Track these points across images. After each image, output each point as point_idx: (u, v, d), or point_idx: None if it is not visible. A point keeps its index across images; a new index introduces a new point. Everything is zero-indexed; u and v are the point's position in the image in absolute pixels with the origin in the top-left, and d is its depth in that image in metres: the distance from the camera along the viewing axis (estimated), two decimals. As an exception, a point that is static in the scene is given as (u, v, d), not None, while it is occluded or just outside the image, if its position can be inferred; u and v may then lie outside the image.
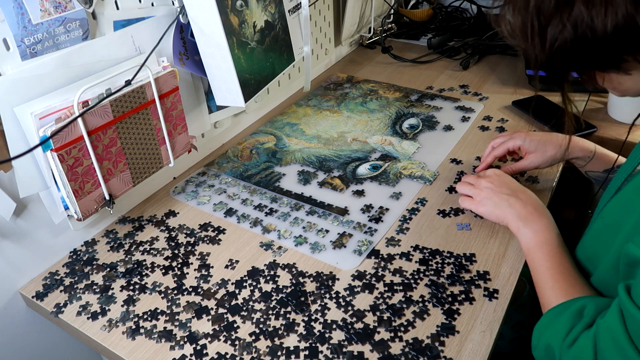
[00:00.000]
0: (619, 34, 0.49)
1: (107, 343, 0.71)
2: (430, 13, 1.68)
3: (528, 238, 0.75)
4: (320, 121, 1.20)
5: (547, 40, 0.53)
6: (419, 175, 0.99)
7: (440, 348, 0.67)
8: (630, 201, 0.62)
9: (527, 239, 0.75)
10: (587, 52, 0.52)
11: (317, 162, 1.05)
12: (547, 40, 0.52)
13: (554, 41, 0.52)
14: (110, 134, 0.78)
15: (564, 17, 0.51)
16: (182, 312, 0.75)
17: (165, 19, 0.86)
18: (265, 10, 0.94)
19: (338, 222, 0.89)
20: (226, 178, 1.02)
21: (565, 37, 0.51)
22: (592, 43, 0.50)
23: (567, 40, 0.51)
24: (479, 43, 1.48)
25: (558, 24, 0.51)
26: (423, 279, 0.77)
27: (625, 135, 1.05)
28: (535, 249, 0.73)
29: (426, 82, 1.35)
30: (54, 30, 0.72)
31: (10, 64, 0.68)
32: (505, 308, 0.72)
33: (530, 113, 1.15)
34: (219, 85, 0.90)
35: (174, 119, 0.90)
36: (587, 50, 0.52)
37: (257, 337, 0.70)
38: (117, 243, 0.88)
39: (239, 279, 0.79)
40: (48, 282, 0.82)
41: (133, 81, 0.79)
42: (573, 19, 0.50)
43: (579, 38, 0.51)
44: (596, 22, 0.49)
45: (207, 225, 0.91)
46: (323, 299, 0.75)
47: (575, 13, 0.50)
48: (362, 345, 0.68)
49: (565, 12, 0.50)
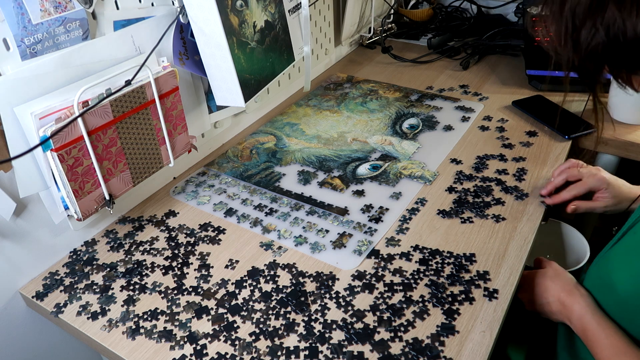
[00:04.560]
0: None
1: (107, 343, 0.71)
2: (430, 13, 1.68)
3: (574, 328, 0.73)
4: (320, 121, 1.20)
5: (580, 43, 0.53)
6: (419, 175, 0.99)
7: (440, 348, 0.67)
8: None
9: (574, 328, 0.73)
10: (619, 54, 0.52)
11: (317, 162, 1.05)
12: (581, 43, 0.53)
13: (587, 44, 0.52)
14: (110, 134, 0.78)
15: (597, 21, 0.51)
16: (182, 312, 0.75)
17: (165, 19, 0.86)
18: (265, 10, 0.94)
19: (338, 222, 0.89)
20: (226, 178, 1.02)
21: (598, 40, 0.52)
22: (623, 45, 0.51)
23: (599, 43, 0.52)
24: (479, 43, 1.48)
25: (591, 27, 0.52)
26: (423, 279, 0.77)
27: (625, 136, 1.06)
28: (583, 336, 0.71)
29: (426, 82, 1.35)
30: (54, 30, 0.72)
31: (10, 64, 0.68)
32: (505, 308, 0.72)
33: (531, 112, 1.15)
34: (219, 85, 0.90)
35: (174, 119, 0.90)
36: (618, 53, 0.52)
37: (257, 337, 0.70)
38: (117, 243, 0.88)
39: (239, 279, 0.79)
40: (48, 282, 0.82)
41: (133, 81, 0.79)
42: (605, 22, 0.51)
43: (611, 41, 0.51)
44: (628, 24, 0.49)
45: (207, 225, 0.91)
46: (323, 299, 0.75)
47: (608, 16, 0.50)
48: (362, 345, 0.68)
49: (598, 15, 0.51)
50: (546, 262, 0.83)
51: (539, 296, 0.79)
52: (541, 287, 0.79)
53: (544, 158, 1.02)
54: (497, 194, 0.93)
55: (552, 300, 0.76)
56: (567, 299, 0.74)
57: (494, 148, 1.06)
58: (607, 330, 0.67)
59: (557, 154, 1.02)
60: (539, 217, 0.87)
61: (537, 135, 1.09)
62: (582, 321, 0.70)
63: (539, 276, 0.80)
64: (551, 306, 0.77)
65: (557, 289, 0.76)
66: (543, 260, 0.84)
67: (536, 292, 0.79)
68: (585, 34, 0.52)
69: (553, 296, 0.76)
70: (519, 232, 0.84)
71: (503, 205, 0.90)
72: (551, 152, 1.03)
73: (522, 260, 0.79)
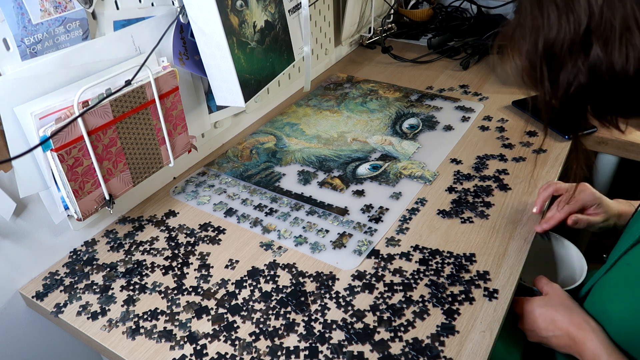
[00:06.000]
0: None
1: (107, 343, 0.71)
2: (430, 13, 1.68)
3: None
4: (320, 121, 1.20)
5: (560, 86, 0.49)
6: (419, 175, 0.99)
7: (440, 348, 0.67)
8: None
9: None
10: (607, 97, 0.49)
11: (317, 162, 1.05)
12: (560, 85, 0.49)
13: (569, 86, 0.49)
14: (110, 134, 0.78)
15: (578, 61, 0.47)
16: (182, 312, 0.75)
17: (165, 19, 0.86)
18: (265, 10, 0.94)
19: (338, 222, 0.89)
20: (226, 178, 1.02)
21: (581, 82, 0.48)
22: (612, 87, 0.48)
23: (583, 84, 0.48)
24: (479, 43, 1.48)
25: (572, 68, 0.48)
26: (423, 279, 0.77)
27: (625, 136, 1.06)
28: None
29: (426, 82, 1.35)
30: (54, 30, 0.72)
31: (10, 64, 0.68)
32: (505, 308, 0.72)
33: (530, 112, 1.15)
34: (219, 85, 0.90)
35: (174, 119, 0.90)
36: (606, 95, 0.49)
37: (257, 337, 0.70)
38: (117, 243, 0.88)
39: (239, 279, 0.79)
40: (48, 282, 0.82)
41: (133, 81, 0.79)
42: (590, 63, 0.47)
43: (597, 82, 0.48)
44: (616, 65, 0.46)
45: (207, 225, 0.91)
46: (323, 299, 0.75)
47: (593, 56, 0.47)
48: (362, 345, 0.68)
49: (580, 56, 0.47)
50: (547, 286, 0.77)
51: (544, 329, 0.72)
52: (546, 319, 0.72)
53: (544, 158, 1.02)
54: (497, 193, 0.93)
55: (560, 334, 0.70)
56: (577, 333, 0.68)
57: (494, 148, 1.06)
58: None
59: (557, 154, 1.02)
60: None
61: (537, 135, 1.09)
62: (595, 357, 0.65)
63: (542, 305, 0.74)
64: (559, 340, 0.71)
65: (564, 321, 0.70)
66: (542, 281, 0.78)
67: (541, 324, 0.73)
68: (566, 75, 0.48)
69: (560, 330, 0.70)
70: (519, 232, 0.84)
71: (503, 205, 0.90)
72: (551, 152, 1.03)
73: (522, 261, 0.79)
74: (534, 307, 0.75)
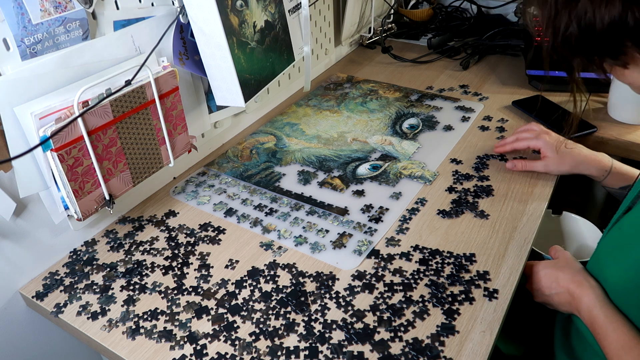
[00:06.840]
0: (613, 29, 0.55)
1: (107, 343, 0.71)
2: (430, 13, 1.68)
3: (582, 320, 0.72)
4: (320, 121, 1.20)
5: (557, 30, 0.58)
6: (419, 175, 0.99)
7: (440, 348, 0.67)
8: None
9: (583, 320, 0.72)
10: (588, 43, 0.57)
11: (317, 162, 1.05)
12: (557, 30, 0.58)
13: (563, 32, 0.58)
14: (110, 134, 0.78)
15: (571, 12, 0.56)
16: (182, 312, 0.75)
17: (165, 19, 0.86)
18: (265, 10, 0.94)
19: (338, 222, 0.89)
20: (226, 178, 1.02)
21: (571, 30, 0.57)
22: (592, 35, 0.56)
23: (572, 33, 0.57)
24: (479, 43, 1.48)
25: (566, 16, 0.57)
26: (423, 279, 0.77)
27: (625, 136, 1.06)
28: (591, 328, 0.70)
29: (426, 82, 1.35)
30: (54, 30, 0.72)
31: (10, 64, 0.68)
32: (505, 308, 0.72)
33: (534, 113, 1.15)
34: (219, 85, 0.90)
35: (174, 119, 0.90)
36: (588, 42, 0.57)
37: (257, 337, 0.70)
38: (117, 243, 0.88)
39: (239, 279, 0.79)
40: (48, 282, 0.82)
41: (133, 81, 0.79)
42: (577, 13, 0.56)
43: (581, 30, 0.57)
44: (596, 17, 0.55)
45: (207, 225, 0.91)
46: (323, 299, 0.75)
47: (579, 8, 0.56)
48: (362, 345, 0.68)
49: (571, 6, 0.56)
50: (559, 252, 0.80)
51: (548, 287, 0.76)
52: (550, 278, 0.77)
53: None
54: (497, 193, 0.93)
55: (561, 291, 0.74)
56: (576, 290, 0.72)
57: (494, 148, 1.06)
58: (614, 323, 0.66)
59: (557, 154, 1.02)
60: (539, 216, 0.87)
61: (537, 135, 1.09)
62: (591, 314, 0.69)
63: (549, 266, 0.78)
64: (560, 297, 0.75)
65: (566, 279, 0.74)
66: (557, 249, 0.82)
67: (545, 283, 0.77)
68: (560, 22, 0.58)
69: (562, 287, 0.74)
70: (519, 232, 0.84)
71: (503, 205, 0.90)
72: (551, 152, 1.03)
73: (522, 261, 0.79)
74: (540, 268, 0.79)
